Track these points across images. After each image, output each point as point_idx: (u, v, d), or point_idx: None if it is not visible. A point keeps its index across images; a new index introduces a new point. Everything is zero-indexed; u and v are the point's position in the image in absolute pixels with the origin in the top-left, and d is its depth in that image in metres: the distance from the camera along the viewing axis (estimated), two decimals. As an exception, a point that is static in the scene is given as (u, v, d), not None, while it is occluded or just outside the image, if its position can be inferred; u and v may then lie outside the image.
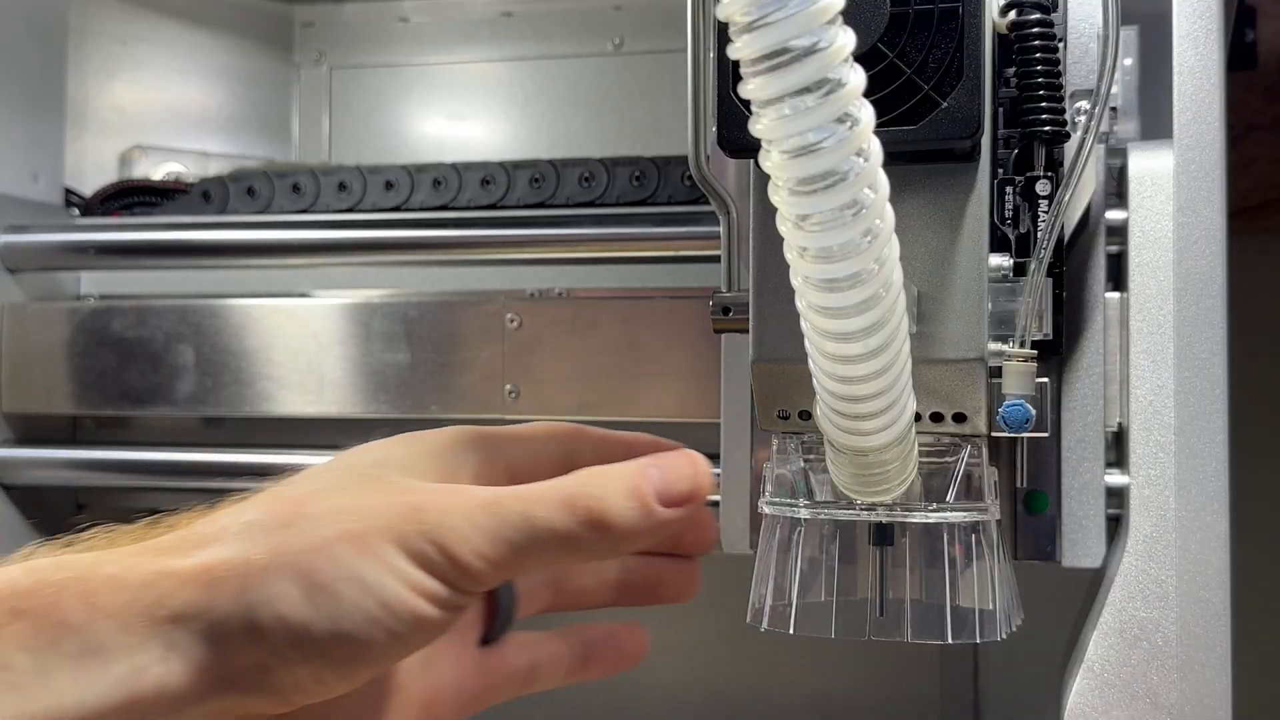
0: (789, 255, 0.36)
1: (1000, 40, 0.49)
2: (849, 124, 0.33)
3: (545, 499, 0.39)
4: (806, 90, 0.32)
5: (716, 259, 0.53)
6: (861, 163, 0.34)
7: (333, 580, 0.37)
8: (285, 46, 1.13)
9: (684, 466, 0.41)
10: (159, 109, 1.08)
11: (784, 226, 0.36)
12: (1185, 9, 0.56)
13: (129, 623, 0.36)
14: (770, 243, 0.48)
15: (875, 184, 0.34)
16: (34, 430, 0.91)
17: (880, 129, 0.42)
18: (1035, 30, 0.48)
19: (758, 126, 0.33)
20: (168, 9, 1.08)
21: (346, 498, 0.39)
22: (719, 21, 0.32)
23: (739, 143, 0.44)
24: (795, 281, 0.37)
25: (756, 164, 0.48)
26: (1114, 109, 0.55)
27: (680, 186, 0.85)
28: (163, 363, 0.85)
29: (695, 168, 0.51)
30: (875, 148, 0.34)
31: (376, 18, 1.11)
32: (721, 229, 0.52)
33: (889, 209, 0.35)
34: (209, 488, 0.94)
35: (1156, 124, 0.57)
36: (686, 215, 0.80)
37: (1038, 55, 0.48)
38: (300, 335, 0.84)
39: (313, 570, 0.37)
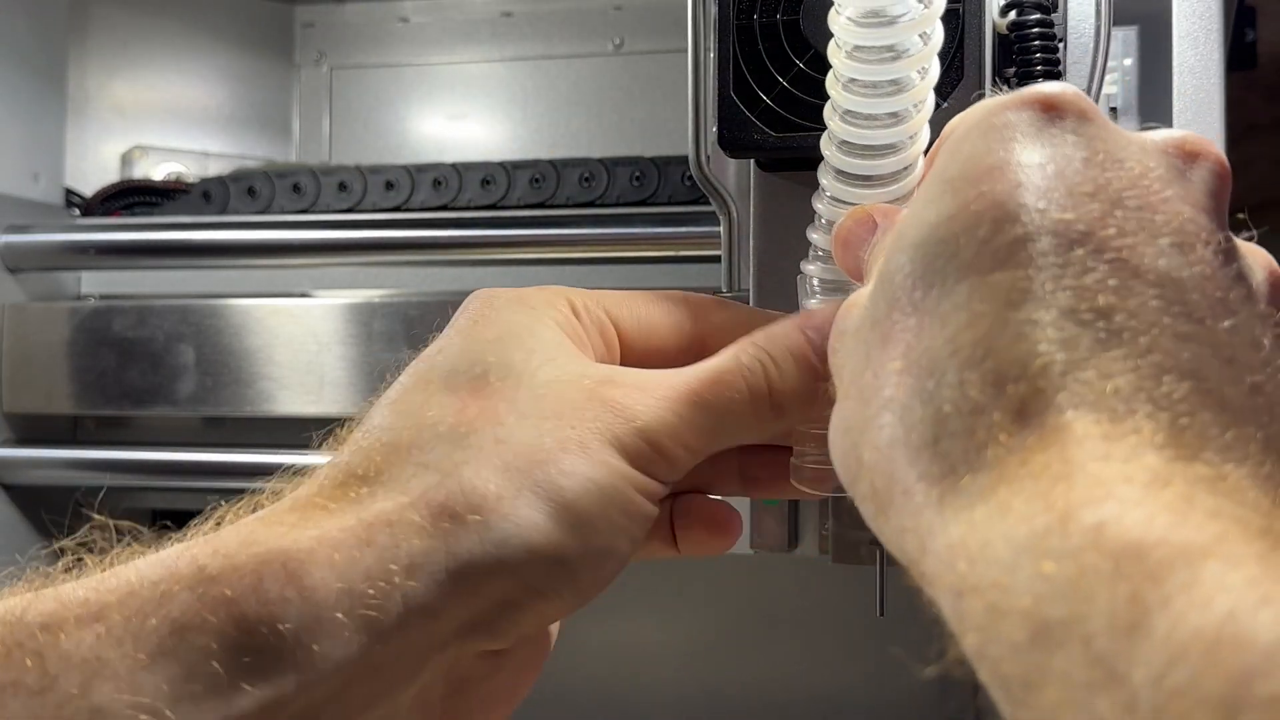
0: (835, 59, 0.37)
1: (1000, 40, 0.49)
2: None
3: (733, 382, 0.37)
4: None
5: (716, 259, 0.53)
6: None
7: (576, 497, 0.34)
8: (285, 47, 1.13)
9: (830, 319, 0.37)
10: (159, 109, 1.08)
11: (838, 24, 0.37)
12: (1185, 9, 0.56)
13: (354, 588, 0.32)
14: (770, 242, 0.48)
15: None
16: (34, 430, 0.91)
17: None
18: (1035, 30, 0.48)
19: None
20: (168, 9, 1.08)
21: (542, 401, 0.35)
22: (719, 20, 0.32)
23: (739, 143, 0.44)
24: (833, 92, 0.38)
25: (757, 164, 0.48)
26: (1114, 109, 0.55)
27: (680, 186, 0.85)
28: (163, 363, 0.85)
29: (695, 168, 0.51)
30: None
31: (377, 18, 1.11)
32: (721, 229, 0.52)
33: (939, 25, 0.37)
34: (209, 488, 0.94)
35: (1156, 124, 0.57)
36: (686, 215, 0.80)
37: (1038, 55, 0.48)
38: (300, 335, 0.84)
39: (557, 491, 0.34)
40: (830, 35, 0.37)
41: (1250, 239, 0.31)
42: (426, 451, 0.35)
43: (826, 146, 0.39)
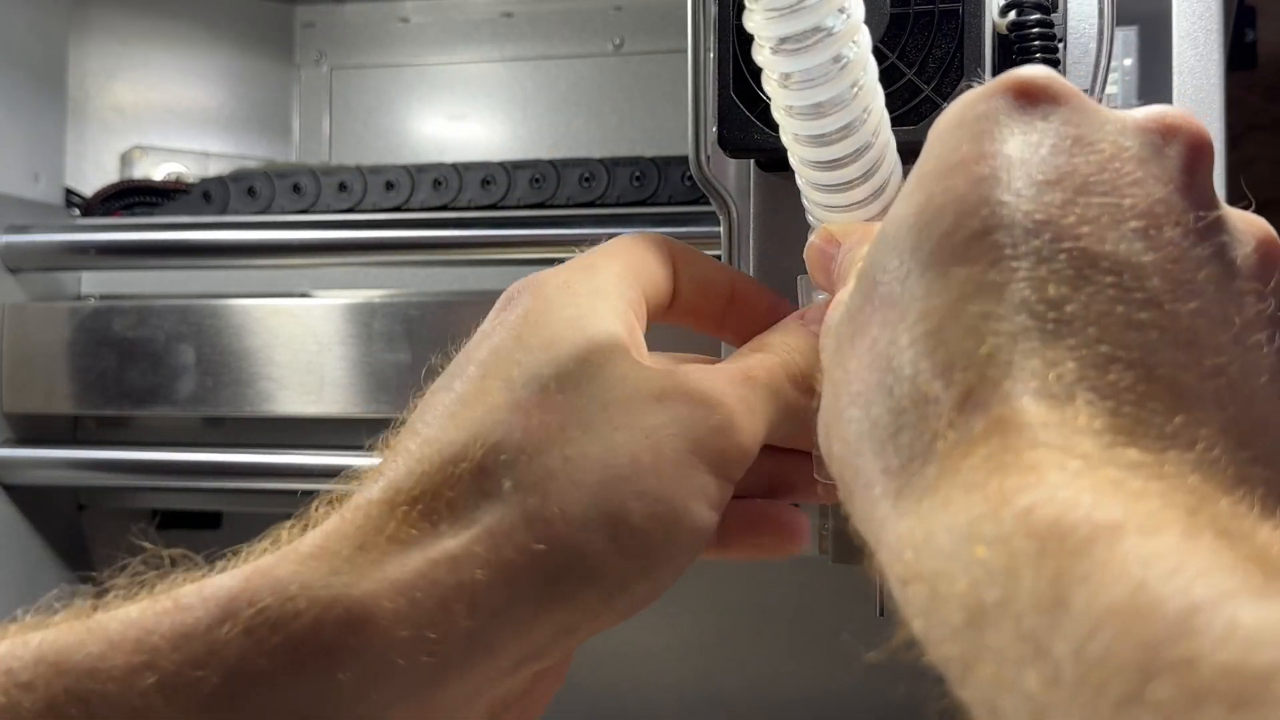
0: (777, 115, 0.37)
1: (1000, 40, 0.49)
2: None
3: (773, 368, 0.38)
4: None
5: (717, 259, 0.53)
6: (845, 19, 0.34)
7: (644, 521, 0.33)
8: (285, 47, 1.13)
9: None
10: (159, 109, 1.08)
11: (770, 85, 0.36)
12: (1185, 9, 0.56)
13: (418, 633, 0.32)
14: (771, 242, 0.48)
15: (859, 39, 0.35)
16: (34, 430, 0.91)
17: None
18: (1035, 30, 0.48)
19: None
20: (168, 9, 1.08)
21: (609, 410, 0.34)
22: (719, 20, 0.32)
23: (739, 143, 0.44)
24: (785, 139, 0.38)
25: (757, 164, 0.48)
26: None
27: (680, 186, 0.85)
28: (163, 363, 0.85)
29: (695, 168, 0.51)
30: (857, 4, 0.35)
31: (377, 18, 1.11)
32: (721, 229, 0.52)
33: (872, 61, 0.36)
34: (209, 488, 0.94)
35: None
36: (686, 215, 0.80)
37: (1038, 56, 0.48)
38: (301, 335, 0.84)
39: (625, 515, 0.33)
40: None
41: (1246, 208, 0.30)
42: (491, 478, 0.33)
43: (798, 179, 0.39)
